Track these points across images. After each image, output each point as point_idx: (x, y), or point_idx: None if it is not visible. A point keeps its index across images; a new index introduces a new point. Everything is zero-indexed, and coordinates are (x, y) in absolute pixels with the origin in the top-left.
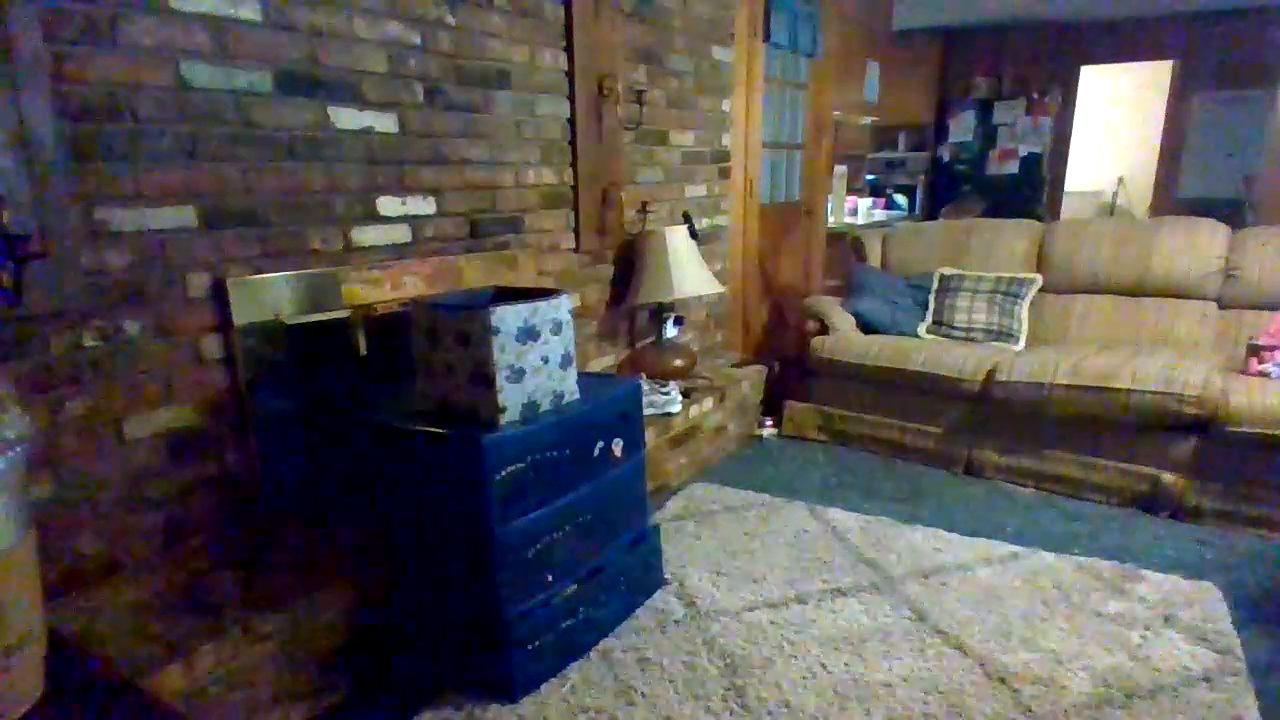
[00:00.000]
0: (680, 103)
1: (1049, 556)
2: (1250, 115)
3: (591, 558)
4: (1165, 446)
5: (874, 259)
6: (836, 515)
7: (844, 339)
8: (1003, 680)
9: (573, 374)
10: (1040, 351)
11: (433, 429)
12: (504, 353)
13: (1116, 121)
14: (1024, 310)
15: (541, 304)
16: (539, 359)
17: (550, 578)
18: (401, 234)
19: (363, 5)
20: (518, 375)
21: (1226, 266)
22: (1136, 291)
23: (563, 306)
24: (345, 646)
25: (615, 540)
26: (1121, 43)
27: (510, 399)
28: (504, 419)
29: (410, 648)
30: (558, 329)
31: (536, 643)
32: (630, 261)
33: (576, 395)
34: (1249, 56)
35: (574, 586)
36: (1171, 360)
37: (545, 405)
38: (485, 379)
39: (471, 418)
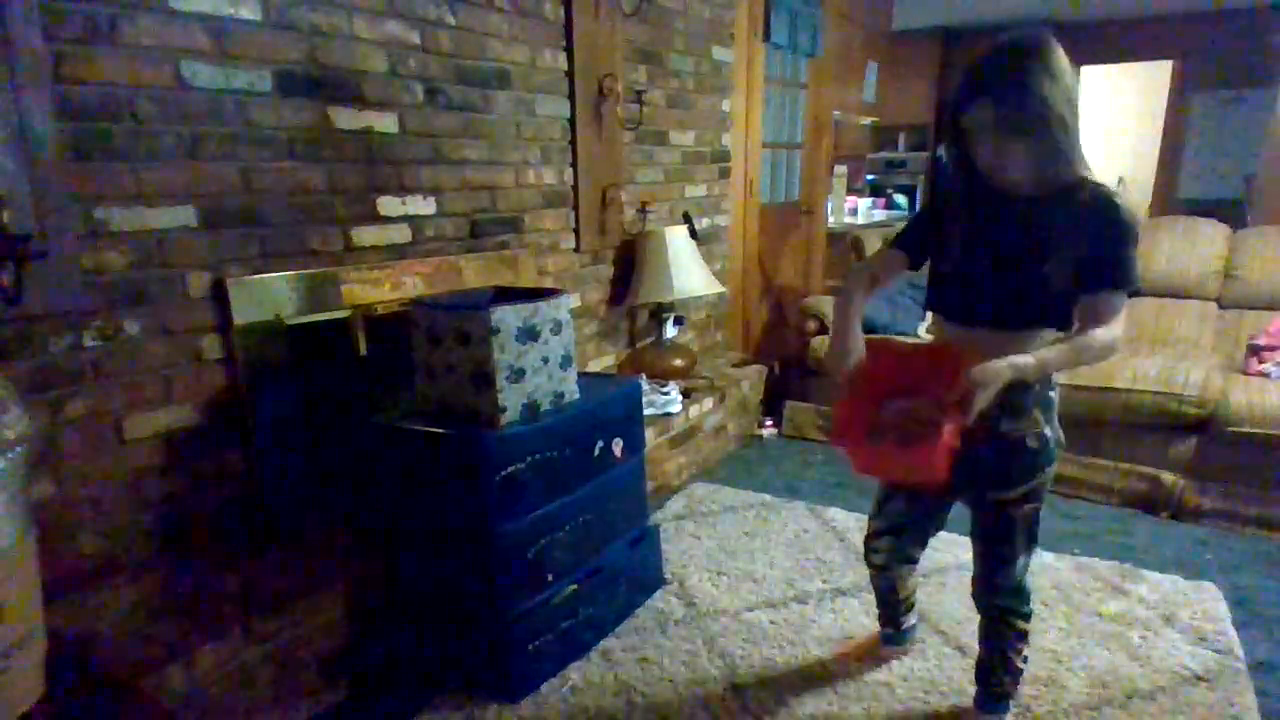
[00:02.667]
0: (680, 103)
1: (1048, 556)
2: (1250, 115)
3: (591, 558)
4: (1165, 446)
5: None
6: (836, 515)
7: None
8: None
9: (573, 374)
10: None
11: (433, 429)
12: (504, 353)
13: (1116, 121)
14: None
15: (542, 304)
16: (539, 359)
17: (550, 578)
18: (401, 234)
19: (363, 5)
20: (518, 375)
21: (1226, 266)
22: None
23: (563, 306)
24: (345, 646)
25: (615, 540)
26: (1121, 43)
27: (510, 399)
28: (504, 419)
29: (410, 648)
30: (558, 329)
31: (536, 643)
32: (630, 261)
33: (577, 395)
34: (1249, 56)
35: (574, 586)
36: (1171, 360)
37: (545, 405)
38: (485, 379)
39: (471, 418)
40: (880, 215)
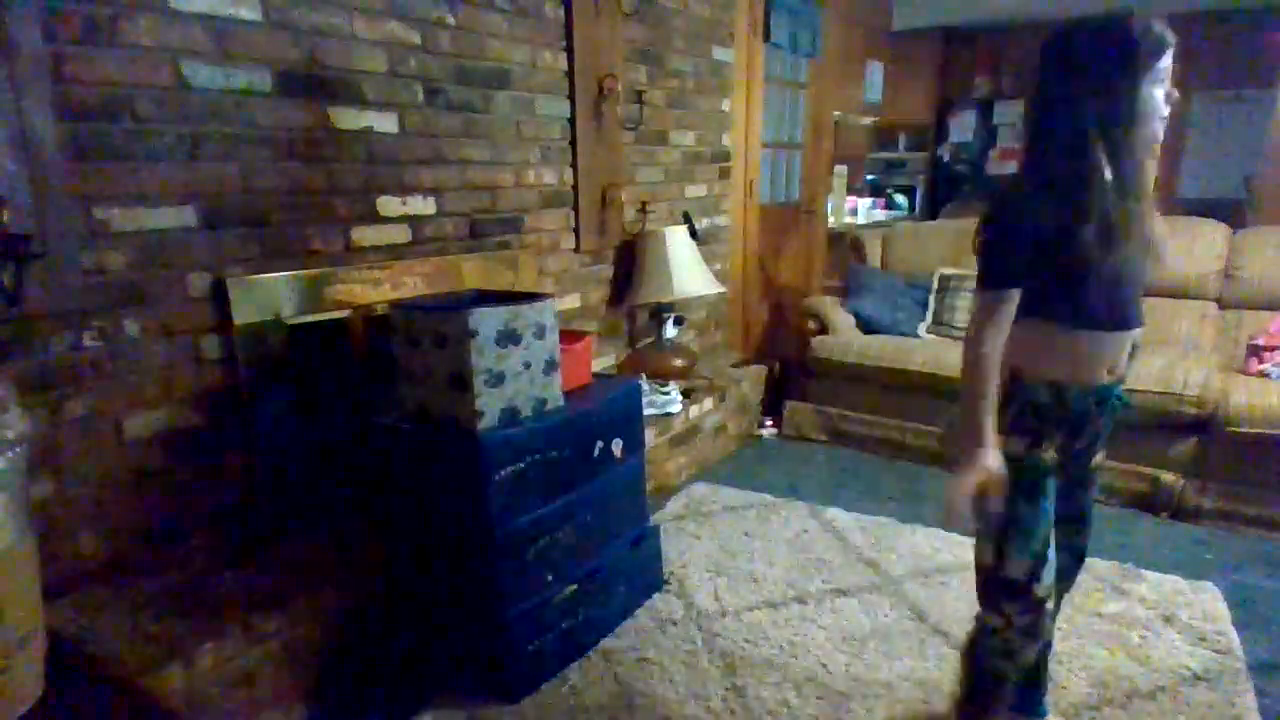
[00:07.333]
0: (680, 103)
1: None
2: (1250, 115)
3: (591, 558)
4: (1165, 446)
5: (874, 259)
6: (836, 515)
7: (844, 339)
8: None
9: (557, 379)
10: None
11: (420, 431)
12: (482, 356)
13: None
14: None
15: (524, 307)
16: (520, 364)
17: (550, 578)
18: (401, 234)
19: (363, 5)
20: (496, 380)
21: (1226, 266)
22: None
23: (546, 310)
24: (345, 646)
25: (615, 540)
26: None
27: (488, 404)
28: (481, 424)
29: (410, 648)
30: (541, 333)
31: (536, 643)
32: (630, 261)
33: (561, 402)
34: (1249, 56)
35: (574, 586)
36: (1171, 360)
37: (526, 411)
38: (461, 383)
39: (449, 422)
40: (880, 215)
